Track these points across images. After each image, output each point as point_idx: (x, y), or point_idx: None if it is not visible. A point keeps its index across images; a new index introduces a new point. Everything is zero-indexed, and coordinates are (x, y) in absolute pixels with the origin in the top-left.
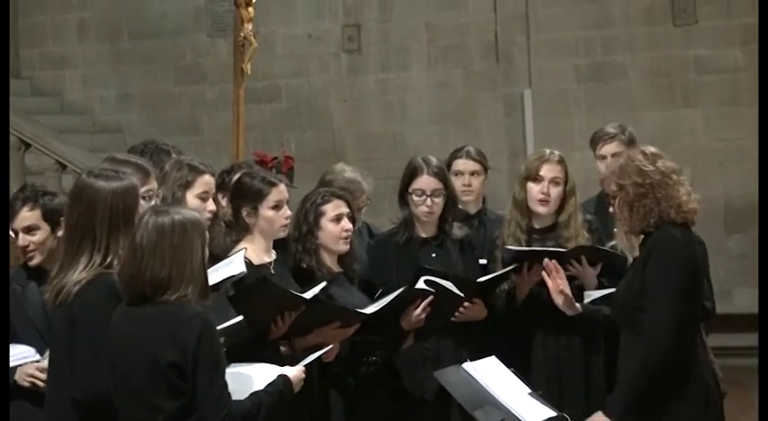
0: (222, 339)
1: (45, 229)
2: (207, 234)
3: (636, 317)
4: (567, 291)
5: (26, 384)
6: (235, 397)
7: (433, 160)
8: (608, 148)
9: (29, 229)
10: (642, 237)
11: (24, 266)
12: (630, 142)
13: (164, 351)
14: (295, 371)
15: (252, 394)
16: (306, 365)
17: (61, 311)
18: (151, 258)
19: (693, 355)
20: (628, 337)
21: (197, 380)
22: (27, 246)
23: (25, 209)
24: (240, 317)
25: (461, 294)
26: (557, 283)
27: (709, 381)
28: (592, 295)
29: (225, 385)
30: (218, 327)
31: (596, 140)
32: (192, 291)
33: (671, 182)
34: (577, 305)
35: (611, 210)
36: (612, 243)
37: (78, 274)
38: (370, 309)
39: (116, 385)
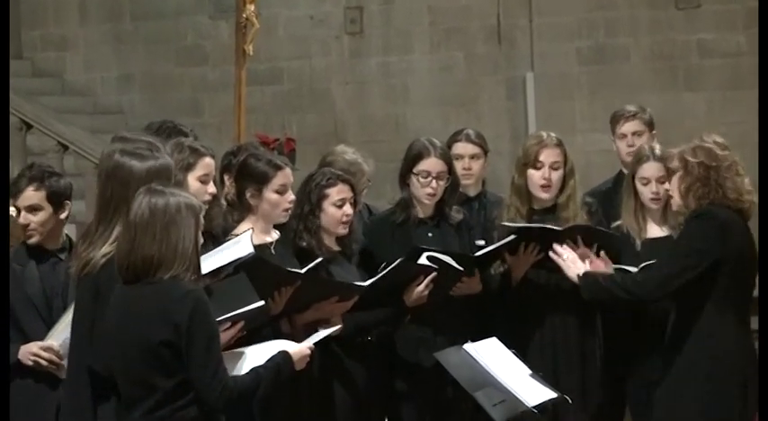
0: (239, 325)
1: (47, 210)
2: (201, 217)
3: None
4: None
5: (30, 363)
6: (238, 373)
7: (438, 142)
8: (628, 127)
9: (32, 209)
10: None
11: (25, 245)
12: (650, 123)
13: (157, 329)
14: (297, 348)
15: (251, 370)
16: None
17: (86, 282)
18: (143, 236)
19: (730, 331)
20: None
21: (191, 358)
22: (28, 225)
23: (30, 188)
24: (261, 303)
25: (461, 268)
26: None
27: (747, 363)
28: None
29: (220, 361)
30: (238, 312)
31: (616, 119)
32: (184, 270)
33: (735, 171)
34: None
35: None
36: (617, 224)
37: (107, 247)
38: (367, 283)
39: (115, 364)
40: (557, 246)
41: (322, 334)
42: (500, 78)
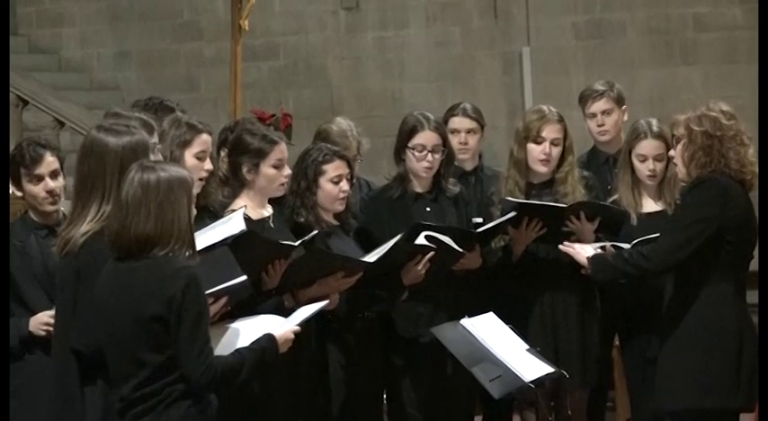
0: (223, 300)
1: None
2: (194, 191)
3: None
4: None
5: (42, 333)
6: (226, 351)
7: (431, 116)
8: (597, 106)
9: (54, 174)
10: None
11: (22, 221)
12: (619, 99)
13: (149, 304)
14: (282, 331)
15: (235, 351)
16: (303, 322)
17: (67, 262)
18: (136, 214)
19: (727, 303)
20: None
21: (179, 333)
22: (53, 192)
23: (49, 154)
24: (244, 277)
25: (461, 250)
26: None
27: (745, 329)
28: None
29: (207, 339)
30: (220, 287)
31: (585, 99)
32: (179, 247)
33: (740, 140)
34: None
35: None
36: (613, 198)
37: (86, 225)
38: (371, 258)
39: (105, 339)
40: (566, 245)
41: (307, 312)
42: (496, 53)
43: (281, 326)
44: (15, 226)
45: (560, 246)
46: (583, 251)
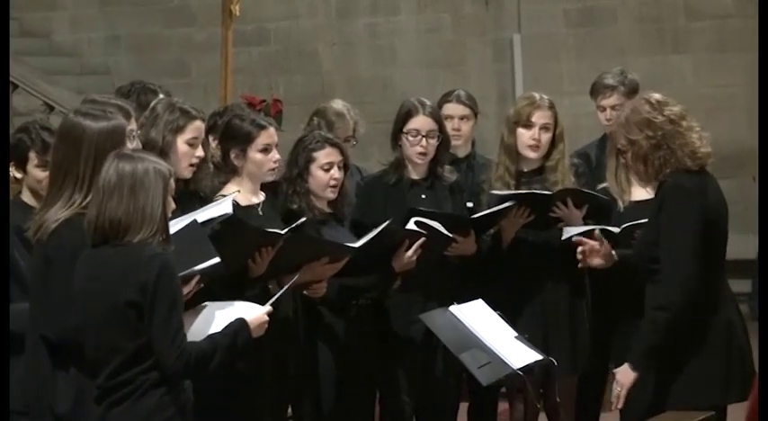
0: (195, 279)
1: None
2: (172, 182)
3: (654, 268)
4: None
5: None
6: (199, 337)
7: (428, 102)
8: (607, 102)
9: None
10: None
11: (15, 204)
12: (632, 91)
13: (123, 290)
14: (255, 315)
15: (207, 336)
16: (275, 302)
17: (38, 248)
18: (109, 199)
19: (715, 297)
20: (649, 289)
21: (153, 319)
22: None
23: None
24: (217, 259)
25: (450, 235)
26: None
27: (734, 320)
28: (570, 231)
29: (181, 326)
30: (196, 268)
31: (596, 91)
32: (151, 234)
33: (681, 129)
34: (613, 253)
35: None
36: (603, 185)
37: (57, 211)
38: (358, 243)
39: (82, 327)
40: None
41: (278, 293)
42: (487, 40)
43: (254, 311)
44: (16, 208)
45: (575, 239)
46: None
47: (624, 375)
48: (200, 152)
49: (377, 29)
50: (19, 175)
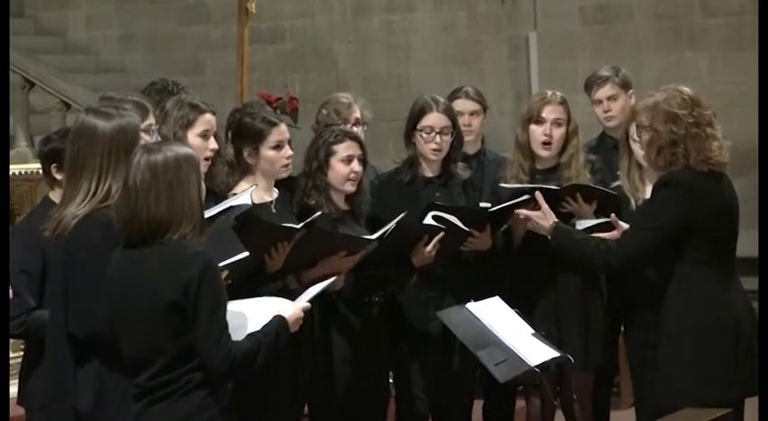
0: (224, 274)
1: None
2: (201, 169)
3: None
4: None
5: None
6: (234, 335)
7: (441, 99)
8: (602, 92)
9: None
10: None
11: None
12: (624, 84)
13: (165, 290)
14: (292, 311)
15: (249, 335)
16: (313, 299)
17: (59, 244)
18: (146, 198)
19: (724, 295)
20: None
21: (197, 320)
22: None
23: None
24: (246, 253)
25: (467, 229)
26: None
27: (742, 318)
28: (583, 224)
29: (225, 326)
30: (223, 263)
31: (590, 85)
32: (191, 229)
33: (704, 135)
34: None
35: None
36: (616, 183)
37: (77, 208)
38: (374, 236)
39: (119, 329)
40: (519, 210)
41: (315, 290)
42: (503, 37)
43: (290, 307)
44: (42, 213)
45: (516, 211)
46: (544, 221)
47: (544, 219)
48: (213, 145)
49: (392, 26)
50: (59, 177)
